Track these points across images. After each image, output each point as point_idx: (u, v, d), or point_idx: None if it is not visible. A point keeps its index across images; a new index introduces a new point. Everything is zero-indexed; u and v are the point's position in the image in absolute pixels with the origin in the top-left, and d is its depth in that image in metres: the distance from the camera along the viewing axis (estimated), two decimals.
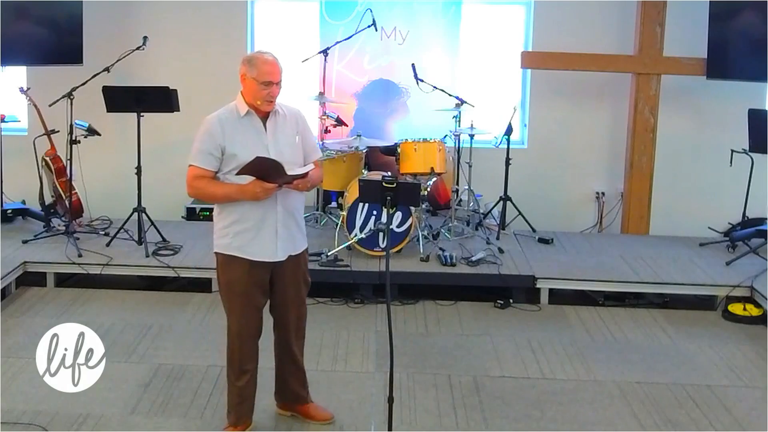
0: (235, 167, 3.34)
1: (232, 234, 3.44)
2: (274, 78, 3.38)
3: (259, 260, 3.45)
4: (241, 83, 3.44)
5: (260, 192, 3.32)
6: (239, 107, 3.44)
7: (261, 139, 3.43)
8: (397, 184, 3.33)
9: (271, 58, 3.43)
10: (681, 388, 4.27)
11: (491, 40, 7.22)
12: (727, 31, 6.57)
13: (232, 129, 3.38)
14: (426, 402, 4.05)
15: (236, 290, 3.48)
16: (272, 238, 3.46)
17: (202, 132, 3.40)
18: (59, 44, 6.54)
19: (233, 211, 3.42)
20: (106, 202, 6.69)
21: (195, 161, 3.39)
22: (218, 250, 3.50)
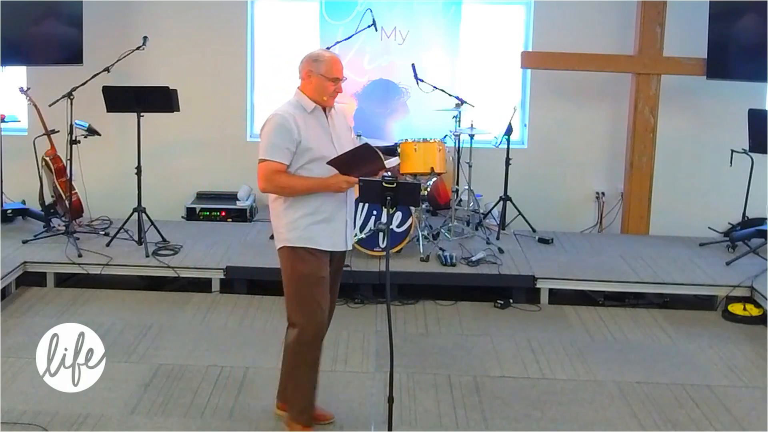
0: (307, 161, 3.41)
1: (304, 226, 3.46)
2: (341, 74, 3.50)
3: (332, 250, 3.52)
4: (305, 80, 3.50)
5: (345, 184, 3.40)
6: (304, 103, 3.49)
7: (326, 133, 3.51)
8: (397, 184, 3.33)
9: (336, 55, 3.56)
10: (681, 388, 4.27)
11: (491, 40, 7.22)
12: (727, 31, 6.57)
13: (303, 124, 3.43)
14: (426, 402, 4.05)
15: (312, 281, 3.49)
16: (343, 229, 3.55)
17: (276, 127, 3.41)
18: (59, 44, 6.54)
19: (306, 204, 3.45)
20: (106, 202, 6.69)
21: (271, 156, 3.40)
22: (289, 243, 3.49)
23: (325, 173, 3.41)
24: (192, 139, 7.23)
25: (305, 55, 3.54)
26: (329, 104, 3.52)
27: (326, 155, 3.41)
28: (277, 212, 3.54)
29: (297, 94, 3.53)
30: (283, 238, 3.51)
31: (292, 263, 3.50)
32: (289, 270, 3.53)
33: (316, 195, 3.44)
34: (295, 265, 3.50)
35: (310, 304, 3.51)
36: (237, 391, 4.11)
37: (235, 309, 5.32)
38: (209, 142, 7.23)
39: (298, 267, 3.49)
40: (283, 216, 3.51)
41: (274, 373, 4.30)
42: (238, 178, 7.16)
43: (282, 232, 3.51)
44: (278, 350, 4.60)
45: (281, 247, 3.53)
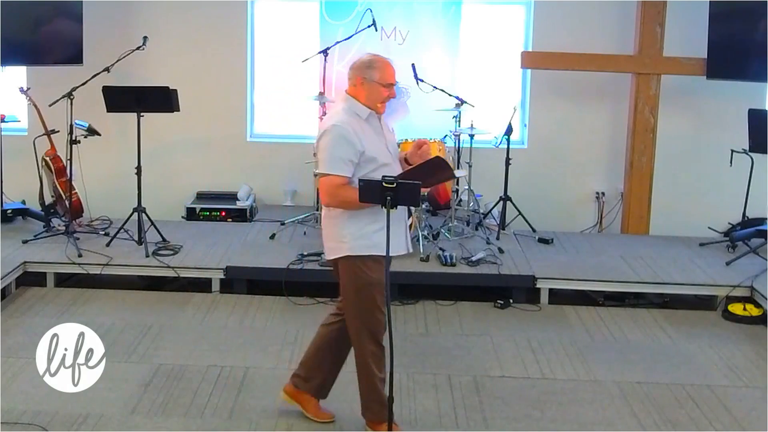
0: (372, 170, 3.37)
1: (370, 234, 3.43)
2: (394, 79, 3.48)
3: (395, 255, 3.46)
4: (357, 87, 3.46)
5: None
6: (359, 110, 3.44)
7: (381, 140, 3.48)
8: (397, 184, 3.33)
9: (388, 59, 3.52)
10: (681, 388, 4.27)
11: (491, 40, 7.23)
12: (727, 31, 6.56)
13: (362, 133, 3.38)
14: (426, 402, 4.05)
15: (375, 288, 3.46)
16: (403, 233, 3.57)
17: (337, 140, 3.34)
18: (59, 44, 6.54)
19: (369, 214, 3.41)
20: (106, 202, 6.69)
21: (334, 170, 3.34)
22: (357, 252, 3.44)
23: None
24: (192, 139, 7.23)
25: (356, 60, 3.50)
26: (382, 111, 3.48)
27: (386, 162, 3.40)
28: (338, 222, 3.46)
29: (347, 99, 3.47)
30: (346, 247, 3.44)
31: (357, 272, 3.45)
32: (352, 278, 3.47)
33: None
34: (360, 274, 3.45)
35: (372, 310, 3.49)
36: (237, 391, 4.11)
37: (235, 309, 5.32)
38: (209, 142, 7.24)
39: (363, 275, 3.45)
40: (346, 225, 3.44)
41: (274, 373, 4.32)
42: (238, 178, 7.16)
43: (345, 241, 3.44)
44: (278, 350, 4.64)
45: (344, 257, 3.46)
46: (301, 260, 5.64)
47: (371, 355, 3.55)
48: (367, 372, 3.59)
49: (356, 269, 3.46)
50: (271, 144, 7.29)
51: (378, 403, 3.59)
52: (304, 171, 6.70)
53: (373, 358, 3.56)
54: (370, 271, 3.45)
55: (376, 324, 3.53)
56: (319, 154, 3.42)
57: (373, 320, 3.52)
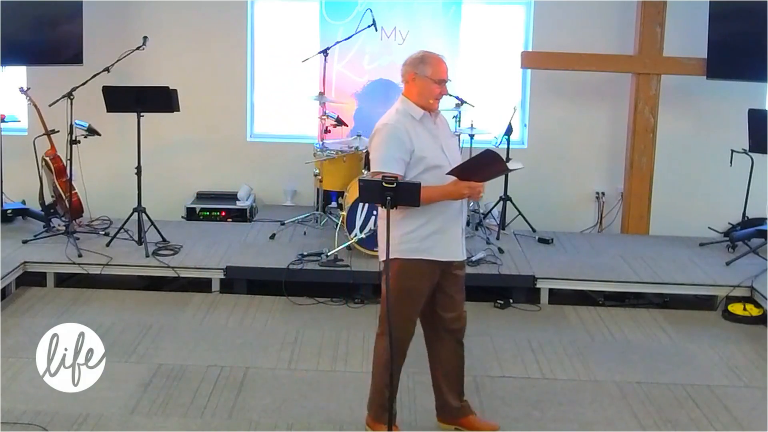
0: (422, 170, 3.33)
1: (420, 238, 3.38)
2: (446, 75, 3.43)
3: (446, 260, 3.45)
4: (409, 84, 3.44)
5: (467, 190, 3.30)
6: (412, 110, 3.41)
7: (435, 140, 3.43)
8: (397, 184, 3.32)
9: (441, 55, 3.47)
10: (681, 388, 4.27)
11: (491, 40, 7.22)
12: (727, 31, 6.56)
13: (414, 132, 3.35)
14: (426, 402, 4.04)
15: (413, 296, 3.43)
16: (457, 238, 3.49)
17: (388, 138, 3.34)
18: (59, 44, 6.54)
19: (421, 216, 3.37)
20: (106, 202, 6.69)
21: (386, 168, 3.31)
22: (401, 255, 3.40)
23: (439, 182, 3.31)
24: (192, 139, 7.23)
25: (408, 57, 3.47)
26: (434, 107, 3.45)
27: (439, 164, 3.34)
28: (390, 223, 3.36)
29: (402, 101, 3.44)
30: (396, 250, 3.39)
31: (400, 275, 3.41)
32: (394, 281, 3.40)
33: (432, 205, 3.34)
34: (402, 278, 3.41)
35: (403, 317, 3.44)
36: (237, 391, 4.11)
37: (235, 309, 5.31)
38: (209, 142, 7.23)
39: (404, 280, 3.41)
40: (397, 227, 3.38)
41: (274, 373, 4.32)
42: (238, 178, 7.16)
43: (394, 244, 3.37)
44: (278, 350, 4.64)
45: (392, 259, 3.39)
46: (301, 260, 5.64)
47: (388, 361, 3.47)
48: (378, 372, 3.59)
49: (399, 273, 3.41)
50: (271, 144, 7.29)
51: (380, 405, 3.60)
52: (304, 171, 6.69)
53: (392, 367, 3.46)
54: (413, 277, 3.41)
55: (404, 334, 3.50)
56: (372, 153, 3.41)
57: (403, 330, 3.48)
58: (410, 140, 3.33)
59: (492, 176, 3.40)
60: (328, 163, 6.16)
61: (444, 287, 3.54)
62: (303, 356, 4.58)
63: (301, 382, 4.25)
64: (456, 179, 3.29)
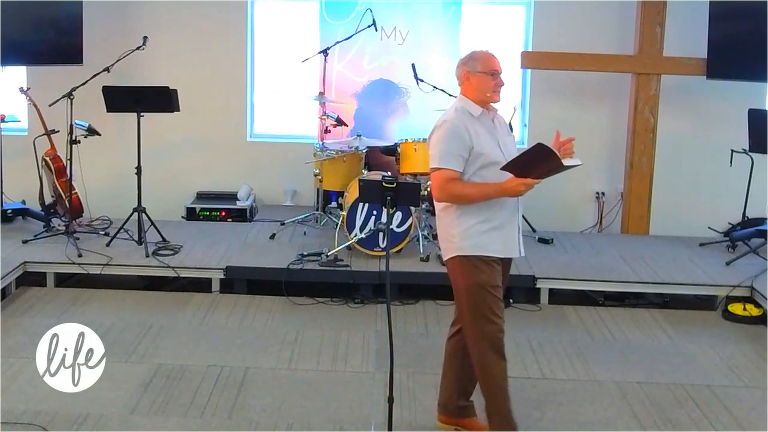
0: (479, 166, 3.34)
1: (479, 233, 3.37)
2: (498, 67, 3.45)
3: (506, 257, 3.45)
4: (464, 83, 3.48)
5: (523, 187, 3.28)
6: (470, 108, 3.43)
7: (493, 138, 3.43)
8: (397, 184, 3.33)
9: (491, 52, 3.50)
10: (681, 388, 4.27)
11: (491, 40, 7.21)
12: (727, 31, 6.56)
13: (473, 129, 3.36)
14: (426, 402, 4.05)
15: (487, 290, 3.38)
16: (515, 235, 3.48)
17: (447, 134, 3.34)
18: (59, 44, 6.54)
19: (479, 213, 3.36)
20: (106, 202, 6.69)
21: (445, 164, 3.32)
22: (462, 252, 3.38)
23: (498, 178, 3.30)
24: (192, 139, 7.23)
25: (460, 59, 3.51)
26: (495, 100, 3.46)
27: (496, 160, 3.33)
28: (449, 221, 3.42)
29: (461, 99, 3.47)
30: (455, 247, 3.39)
31: (466, 273, 3.38)
32: (462, 280, 3.40)
33: (490, 201, 3.35)
34: (469, 275, 3.38)
35: (485, 313, 3.39)
36: (237, 391, 4.11)
37: (235, 309, 5.31)
38: (209, 142, 7.23)
39: (472, 276, 3.37)
40: (455, 225, 3.39)
41: (274, 373, 4.33)
42: (238, 178, 7.16)
43: (454, 241, 3.39)
44: (278, 350, 4.64)
45: (453, 257, 3.41)
46: (301, 260, 5.64)
47: (493, 363, 3.43)
48: (488, 381, 3.48)
49: (464, 269, 3.39)
50: (271, 144, 7.29)
51: (498, 415, 3.50)
52: (304, 171, 6.69)
53: (495, 368, 3.44)
54: (480, 272, 3.36)
55: (493, 330, 3.41)
56: (431, 149, 3.40)
57: (489, 326, 3.40)
58: (469, 137, 3.33)
59: (549, 173, 3.33)
60: (328, 163, 6.16)
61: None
62: (303, 356, 4.58)
63: (301, 382, 4.25)
64: (512, 176, 3.26)
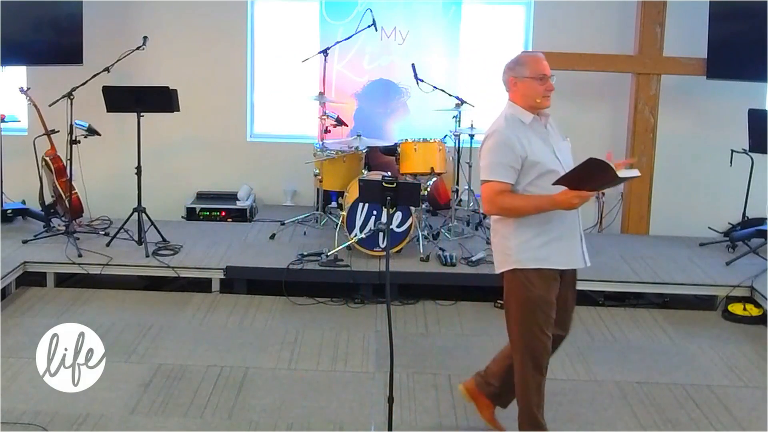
0: (536, 176, 3.23)
1: (538, 246, 3.27)
2: (547, 71, 3.33)
3: (567, 268, 3.34)
4: (512, 89, 3.35)
5: (576, 200, 3.13)
6: (521, 116, 3.32)
7: (547, 144, 3.32)
8: (397, 184, 3.33)
9: (537, 53, 3.39)
10: (681, 388, 4.27)
11: (491, 40, 7.23)
12: (727, 31, 6.56)
13: (525, 138, 3.25)
14: (426, 402, 4.05)
15: (539, 306, 3.29)
16: (577, 245, 3.36)
17: (497, 145, 3.24)
18: (59, 44, 6.54)
19: (537, 224, 3.26)
20: (106, 202, 6.69)
21: (495, 176, 3.23)
22: (520, 266, 3.29)
23: (555, 188, 3.16)
24: (192, 139, 7.23)
25: (505, 64, 3.38)
26: (545, 105, 3.35)
27: (552, 169, 3.22)
28: (505, 232, 3.33)
29: (510, 106, 3.36)
30: (512, 260, 3.31)
31: (521, 287, 3.30)
32: (515, 293, 3.33)
33: (546, 213, 3.23)
34: (524, 290, 3.29)
35: (532, 329, 3.32)
36: (237, 391, 4.11)
37: (235, 309, 5.32)
38: (209, 142, 7.23)
39: (526, 291, 3.29)
40: (513, 236, 3.30)
41: (274, 373, 4.33)
42: (238, 178, 7.17)
43: (511, 254, 3.31)
44: (278, 350, 4.64)
45: (508, 270, 3.33)
46: (301, 260, 5.64)
47: (530, 378, 3.38)
48: (524, 393, 3.43)
49: (519, 283, 3.30)
50: (271, 144, 7.29)
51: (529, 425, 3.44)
52: (304, 171, 6.69)
53: (532, 383, 3.39)
54: (535, 287, 3.27)
55: (539, 347, 3.35)
56: (481, 161, 3.31)
57: (535, 342, 3.33)
58: (521, 146, 3.22)
59: (605, 185, 3.23)
60: (328, 163, 6.16)
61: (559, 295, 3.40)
62: (303, 356, 4.58)
63: (301, 382, 4.25)
64: (566, 188, 3.13)
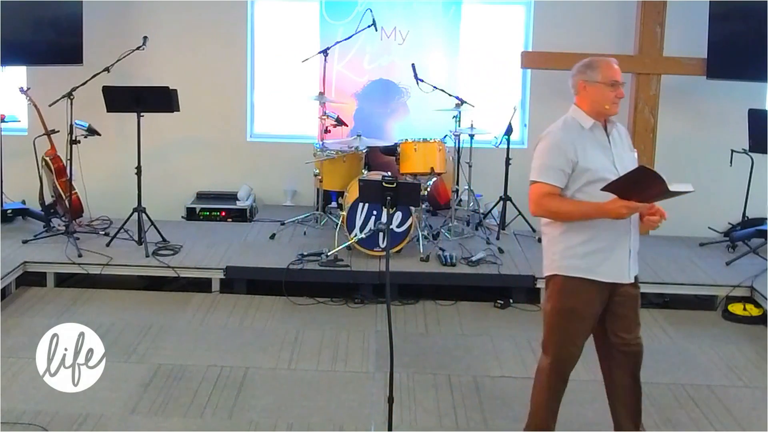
0: (585, 183, 3.17)
1: (581, 255, 3.21)
2: (619, 77, 3.26)
3: (610, 281, 3.26)
4: (581, 93, 3.31)
5: (626, 211, 3.10)
6: (581, 120, 3.27)
7: (606, 153, 3.25)
8: (397, 184, 3.33)
9: (610, 58, 3.30)
10: (681, 388, 4.27)
11: (491, 40, 7.23)
12: (727, 31, 6.56)
13: (581, 143, 3.20)
14: (426, 402, 4.05)
15: (575, 316, 3.25)
16: (624, 259, 3.29)
17: (550, 147, 3.21)
18: (59, 44, 6.54)
19: (583, 231, 3.20)
20: (106, 202, 6.69)
21: (544, 178, 3.20)
22: (562, 272, 3.25)
23: (606, 197, 3.09)
24: (192, 139, 7.23)
25: (575, 66, 3.31)
26: (613, 112, 3.27)
27: (606, 177, 3.12)
28: (552, 237, 3.29)
29: (573, 110, 3.31)
30: (555, 265, 3.27)
31: (561, 293, 3.26)
32: (554, 299, 3.29)
33: (595, 221, 3.17)
34: (562, 296, 3.26)
35: (564, 338, 3.29)
36: (237, 391, 4.11)
37: (235, 309, 5.32)
38: (209, 142, 7.23)
39: (564, 299, 3.25)
40: (558, 241, 3.26)
41: (274, 373, 4.33)
42: (238, 178, 7.17)
43: (555, 259, 3.27)
44: (278, 350, 4.65)
45: (550, 275, 3.30)
46: (301, 260, 5.64)
47: (551, 383, 3.38)
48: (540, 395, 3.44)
49: (557, 290, 3.28)
50: (271, 144, 7.29)
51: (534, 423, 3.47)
52: (304, 171, 6.69)
53: (551, 389, 3.39)
54: (574, 296, 3.23)
55: (566, 357, 3.33)
56: (533, 161, 3.28)
57: (562, 352, 3.31)
58: (574, 151, 3.17)
59: (656, 198, 3.15)
60: (328, 163, 6.16)
61: (614, 308, 3.34)
62: (303, 356, 4.58)
63: (301, 382, 4.25)
64: (616, 197, 3.08)
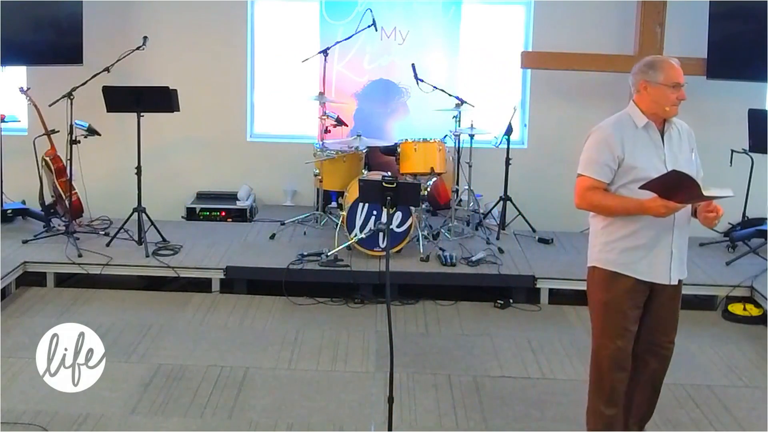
0: (631, 180, 3.17)
1: (619, 250, 3.24)
2: (681, 79, 3.22)
3: (647, 280, 3.25)
4: (641, 93, 3.25)
5: (664, 210, 3.06)
6: (635, 118, 3.25)
7: (658, 152, 3.23)
8: (397, 184, 3.33)
9: (672, 59, 3.27)
10: (681, 388, 4.27)
11: (491, 40, 7.22)
12: (727, 31, 6.56)
13: (630, 140, 3.20)
14: (426, 402, 4.05)
15: (612, 309, 3.27)
16: (666, 259, 3.25)
17: (598, 142, 3.23)
18: (59, 44, 6.54)
19: (624, 227, 3.22)
20: (106, 202, 6.69)
21: (589, 172, 3.23)
22: (599, 264, 3.29)
23: (649, 195, 3.08)
24: (192, 139, 7.23)
25: (637, 64, 3.29)
26: (672, 114, 3.23)
27: (651, 176, 3.09)
28: (595, 229, 3.34)
29: (630, 107, 3.30)
30: (595, 257, 3.32)
31: (598, 286, 3.31)
32: (592, 291, 3.34)
33: (637, 218, 3.17)
34: (598, 289, 3.30)
35: (609, 332, 3.29)
36: (237, 391, 4.11)
37: (235, 309, 5.32)
38: (209, 142, 7.23)
39: (600, 292, 3.29)
40: (600, 234, 3.30)
41: (274, 373, 4.33)
42: (238, 178, 7.16)
43: (595, 251, 3.32)
44: (278, 350, 4.65)
45: (591, 267, 3.33)
46: (301, 260, 5.64)
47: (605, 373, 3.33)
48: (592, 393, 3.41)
49: (596, 282, 3.32)
50: (271, 144, 7.29)
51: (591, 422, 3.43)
52: (304, 171, 6.69)
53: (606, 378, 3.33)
54: (610, 290, 3.26)
55: (602, 351, 3.32)
56: (582, 154, 3.31)
57: (611, 344, 3.29)
58: (621, 147, 3.18)
59: (692, 200, 3.14)
60: (328, 163, 6.16)
61: (653, 308, 3.34)
62: (303, 356, 4.58)
63: (301, 382, 4.25)
64: (656, 195, 3.07)
